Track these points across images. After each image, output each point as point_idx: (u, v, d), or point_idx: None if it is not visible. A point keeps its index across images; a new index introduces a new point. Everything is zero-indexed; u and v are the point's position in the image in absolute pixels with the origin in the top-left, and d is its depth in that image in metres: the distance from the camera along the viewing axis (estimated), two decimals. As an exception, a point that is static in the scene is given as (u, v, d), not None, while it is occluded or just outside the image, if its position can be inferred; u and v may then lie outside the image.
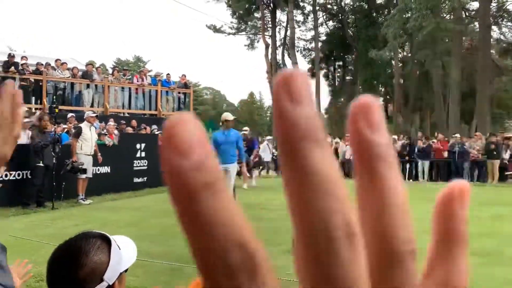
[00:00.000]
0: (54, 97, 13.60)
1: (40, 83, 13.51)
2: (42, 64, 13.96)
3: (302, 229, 0.17)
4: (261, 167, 18.24)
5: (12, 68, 12.78)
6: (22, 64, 13.21)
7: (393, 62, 36.53)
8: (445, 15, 28.24)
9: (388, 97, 45.57)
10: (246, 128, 16.76)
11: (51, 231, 6.58)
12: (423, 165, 16.25)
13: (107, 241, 1.08)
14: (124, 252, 1.11)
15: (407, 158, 16.65)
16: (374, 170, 0.19)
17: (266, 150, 18.25)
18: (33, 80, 13.56)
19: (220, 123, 8.15)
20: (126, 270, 1.13)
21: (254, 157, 15.62)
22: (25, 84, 13.25)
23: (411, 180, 16.23)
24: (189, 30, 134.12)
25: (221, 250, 0.16)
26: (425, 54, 26.38)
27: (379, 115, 0.20)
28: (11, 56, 13.31)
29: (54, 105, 11.23)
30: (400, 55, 39.11)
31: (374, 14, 34.64)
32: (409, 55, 39.58)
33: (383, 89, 42.65)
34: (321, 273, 0.17)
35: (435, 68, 25.97)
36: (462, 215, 0.21)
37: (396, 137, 18.28)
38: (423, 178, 16.16)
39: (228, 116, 8.31)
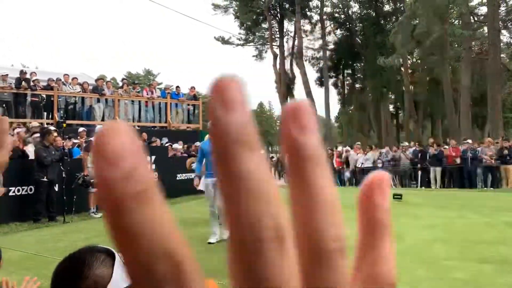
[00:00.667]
0: (62, 112, 13.79)
1: (51, 98, 13.69)
2: (53, 80, 14.16)
3: (233, 232, 0.18)
4: None
5: (24, 84, 12.97)
6: (33, 80, 13.42)
7: (402, 69, 36.41)
8: (453, 21, 28.14)
9: (398, 104, 45.34)
10: None
11: (62, 245, 6.61)
12: (435, 172, 16.07)
13: (111, 256, 1.09)
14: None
15: (419, 165, 16.50)
16: (303, 171, 0.19)
17: None
18: (44, 96, 13.76)
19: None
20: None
21: None
22: (37, 100, 13.44)
23: (423, 188, 16.06)
24: (198, 42, 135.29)
25: (146, 262, 0.16)
26: (434, 60, 26.24)
27: (309, 117, 0.20)
28: (23, 73, 13.53)
29: (62, 120, 11.46)
30: (409, 62, 38.99)
31: (382, 22, 34.63)
32: (418, 61, 39.46)
33: (393, 96, 42.46)
34: (249, 273, 0.17)
35: (445, 74, 25.79)
36: (383, 205, 0.22)
37: (407, 143, 18.15)
38: (436, 185, 15.97)
39: None
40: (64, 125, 10.27)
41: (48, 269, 4.46)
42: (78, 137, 11.78)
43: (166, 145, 13.80)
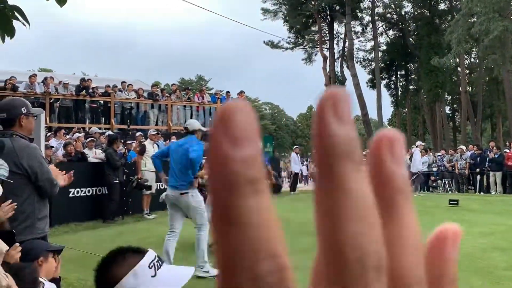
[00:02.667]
0: (119, 117, 14.45)
1: (108, 104, 14.36)
2: (110, 86, 14.86)
3: (331, 251, 0.17)
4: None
5: (83, 92, 13.71)
6: (92, 87, 14.14)
7: (458, 69, 34.88)
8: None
9: (455, 105, 43.49)
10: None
11: (117, 245, 6.89)
12: (495, 177, 15.26)
13: (138, 259, 1.19)
14: (157, 281, 1.14)
15: (477, 169, 15.74)
16: (393, 204, 0.18)
17: (296, 161, 17.67)
18: (102, 102, 14.46)
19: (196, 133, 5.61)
20: None
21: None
22: (95, 106, 14.15)
23: (482, 193, 15.30)
24: (247, 47, 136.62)
25: (249, 256, 0.16)
26: (493, 59, 24.94)
27: (399, 146, 0.19)
28: (84, 80, 14.31)
29: (128, 126, 12.32)
30: (466, 62, 37.30)
31: (437, 21, 33.40)
32: (476, 61, 37.66)
33: (449, 98, 40.80)
34: None
35: (506, 73, 24.44)
36: (455, 258, 0.21)
37: (464, 147, 17.37)
38: (495, 190, 15.17)
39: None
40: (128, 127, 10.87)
41: (103, 268, 4.60)
42: (135, 141, 12.23)
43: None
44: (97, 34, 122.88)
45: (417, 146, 14.95)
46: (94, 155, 9.92)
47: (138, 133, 12.63)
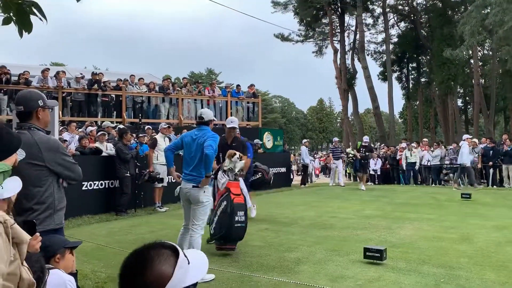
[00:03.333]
0: (130, 111, 14.53)
1: (120, 98, 14.43)
2: (121, 80, 14.92)
3: None
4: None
5: (95, 86, 13.78)
6: (104, 81, 14.20)
7: (471, 61, 34.40)
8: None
9: (467, 98, 42.97)
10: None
11: (130, 237, 6.97)
12: (508, 170, 15.08)
13: (176, 254, 1.11)
14: (192, 268, 1.13)
15: (490, 163, 15.57)
16: None
17: (306, 155, 17.62)
18: (113, 96, 14.52)
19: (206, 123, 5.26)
20: (195, 285, 1.15)
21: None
22: (107, 100, 14.23)
23: (494, 186, 15.14)
24: (258, 40, 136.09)
25: None
26: (507, 50, 24.55)
27: None
28: (94, 74, 14.37)
29: (139, 119, 12.46)
30: (479, 54, 36.77)
31: (449, 12, 32.93)
32: (490, 53, 37.09)
33: (461, 90, 40.31)
34: None
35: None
36: None
37: (476, 140, 17.16)
38: (509, 184, 14.99)
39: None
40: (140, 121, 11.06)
41: (116, 260, 4.80)
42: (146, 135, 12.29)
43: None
44: (108, 28, 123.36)
45: (465, 140, 14.91)
46: (106, 149, 9.99)
47: (147, 127, 12.66)
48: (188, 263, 1.13)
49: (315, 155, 33.52)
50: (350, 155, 16.68)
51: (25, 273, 1.67)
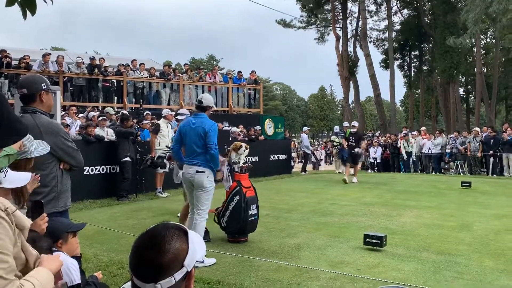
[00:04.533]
0: (132, 96, 14.48)
1: (121, 83, 14.38)
2: (123, 65, 14.84)
3: None
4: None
5: (96, 71, 13.71)
6: (105, 66, 14.14)
7: (474, 49, 34.17)
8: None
9: (469, 87, 42.80)
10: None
11: (132, 222, 7.02)
12: (508, 159, 15.10)
13: (184, 232, 1.17)
14: (198, 243, 1.18)
15: (491, 151, 15.58)
16: None
17: (306, 142, 17.61)
18: (114, 81, 14.47)
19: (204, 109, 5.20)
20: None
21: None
22: (108, 85, 14.18)
23: (495, 175, 15.18)
24: (259, 26, 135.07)
25: None
26: (511, 39, 24.38)
27: None
28: (94, 59, 14.29)
29: (140, 105, 12.47)
30: (482, 42, 36.49)
31: (453, 0, 32.59)
32: (493, 41, 36.83)
33: (463, 79, 40.11)
34: None
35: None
36: None
37: (478, 129, 17.15)
38: (509, 172, 15.03)
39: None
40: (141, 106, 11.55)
41: (119, 243, 4.83)
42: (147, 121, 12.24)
43: (227, 128, 14.04)
44: (108, 12, 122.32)
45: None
46: (106, 135, 9.98)
47: (146, 112, 12.55)
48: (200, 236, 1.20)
49: (319, 145, 33.35)
50: (335, 143, 16.34)
51: (32, 249, 1.68)
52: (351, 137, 13.12)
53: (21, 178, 1.99)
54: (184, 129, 5.09)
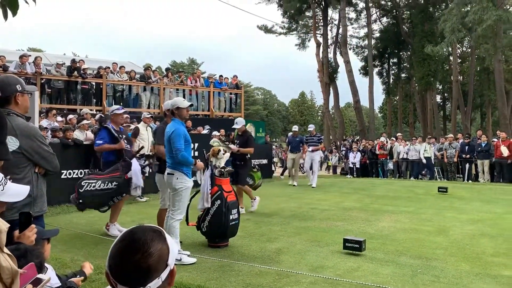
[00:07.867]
0: (111, 99, 14.27)
1: (101, 86, 14.19)
2: (103, 68, 14.66)
3: None
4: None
5: (75, 73, 13.50)
6: (83, 69, 13.93)
7: (451, 58, 34.97)
8: (508, 7, 26.71)
9: (446, 94, 43.72)
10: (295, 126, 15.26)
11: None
12: (483, 165, 15.47)
13: (160, 232, 1.18)
14: (171, 241, 1.20)
15: (466, 157, 15.93)
16: None
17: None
18: (94, 83, 14.27)
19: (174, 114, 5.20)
20: None
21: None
22: (87, 88, 13.98)
23: (470, 181, 15.51)
24: (241, 31, 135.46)
25: None
26: (485, 48, 25.04)
27: None
28: (74, 61, 14.09)
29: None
30: (458, 51, 37.37)
31: (431, 9, 33.32)
32: (468, 50, 37.74)
33: (440, 86, 40.95)
34: None
35: (497, 63, 24.56)
36: None
37: (452, 136, 17.51)
38: (484, 179, 15.38)
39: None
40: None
41: (97, 248, 4.75)
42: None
43: (207, 132, 13.99)
44: (87, 14, 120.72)
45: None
46: (85, 137, 9.83)
47: (125, 115, 12.34)
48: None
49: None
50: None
51: (4, 261, 1.57)
52: (236, 141, 8.82)
53: (22, 193, 1.87)
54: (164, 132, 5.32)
